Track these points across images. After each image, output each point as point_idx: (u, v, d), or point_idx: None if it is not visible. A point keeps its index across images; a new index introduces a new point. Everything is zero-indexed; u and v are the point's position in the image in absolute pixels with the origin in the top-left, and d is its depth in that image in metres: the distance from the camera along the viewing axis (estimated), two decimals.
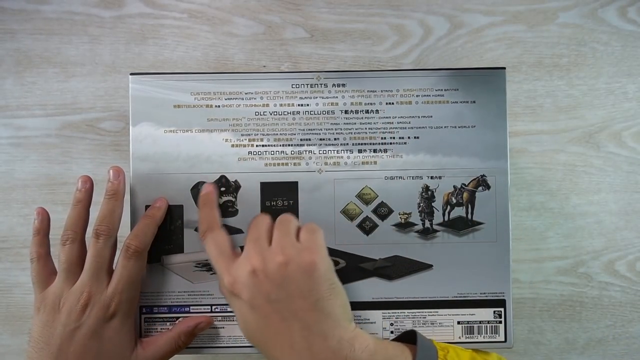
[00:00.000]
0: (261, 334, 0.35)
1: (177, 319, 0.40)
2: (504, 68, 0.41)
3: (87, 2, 0.49)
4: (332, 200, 0.41)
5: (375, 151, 0.41)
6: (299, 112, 0.41)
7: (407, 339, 0.36)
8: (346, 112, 0.41)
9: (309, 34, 0.50)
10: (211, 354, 0.41)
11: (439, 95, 0.41)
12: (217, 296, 0.40)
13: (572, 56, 0.50)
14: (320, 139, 0.41)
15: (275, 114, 0.41)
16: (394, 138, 0.41)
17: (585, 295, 0.50)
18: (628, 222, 0.50)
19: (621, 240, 0.50)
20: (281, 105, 0.41)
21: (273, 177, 0.41)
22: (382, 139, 0.41)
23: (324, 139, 0.41)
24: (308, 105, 0.41)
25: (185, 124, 0.41)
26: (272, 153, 0.41)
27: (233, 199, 0.40)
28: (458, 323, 0.41)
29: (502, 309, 0.41)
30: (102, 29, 0.49)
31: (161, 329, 0.40)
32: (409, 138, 0.41)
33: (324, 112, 0.41)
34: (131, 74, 0.41)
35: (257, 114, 0.41)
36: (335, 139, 0.41)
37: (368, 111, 0.41)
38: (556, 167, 0.50)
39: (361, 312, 0.40)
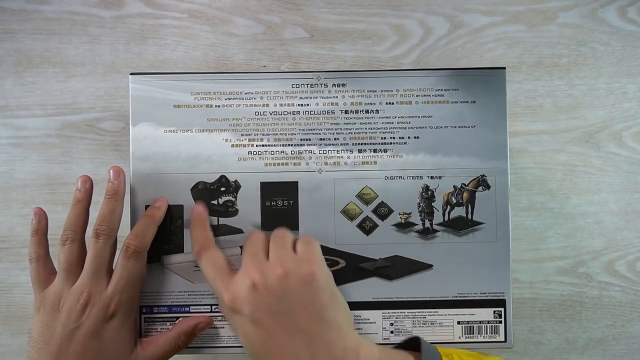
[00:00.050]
0: (265, 348, 0.35)
1: (177, 319, 0.40)
2: (504, 68, 0.41)
3: (87, 2, 0.49)
4: (332, 200, 0.41)
5: (375, 151, 0.41)
6: (299, 112, 0.41)
7: (411, 345, 0.36)
8: (346, 112, 0.41)
9: (309, 34, 0.50)
10: (211, 354, 0.41)
11: (439, 95, 0.41)
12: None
13: (572, 56, 0.50)
14: (320, 139, 0.41)
15: (275, 113, 0.41)
16: (394, 138, 0.41)
17: (585, 295, 0.50)
18: (628, 222, 0.50)
19: (621, 240, 0.50)
20: (281, 105, 0.41)
21: (273, 177, 0.41)
22: (382, 139, 0.41)
23: (324, 139, 0.41)
24: (308, 105, 0.41)
25: (185, 124, 0.41)
26: (272, 153, 0.41)
27: (233, 199, 0.40)
28: (458, 323, 0.41)
29: (502, 309, 0.41)
30: (102, 29, 0.49)
31: (161, 328, 0.40)
32: (409, 138, 0.41)
33: (324, 112, 0.41)
34: (131, 73, 0.41)
35: (257, 113, 0.41)
36: (335, 139, 0.41)
37: (368, 111, 0.41)
38: (556, 167, 0.50)
39: (361, 312, 0.40)
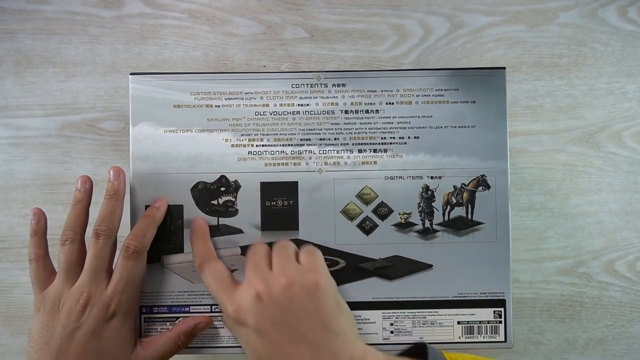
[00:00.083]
0: (270, 359, 0.35)
1: (177, 319, 0.40)
2: (504, 68, 0.41)
3: (87, 2, 0.49)
4: (332, 200, 0.41)
5: (375, 151, 0.41)
6: (299, 112, 0.41)
7: (417, 352, 0.36)
8: (346, 112, 0.41)
9: (309, 34, 0.50)
10: (211, 354, 0.41)
11: (439, 95, 0.41)
12: None
13: (572, 56, 0.50)
14: (320, 139, 0.41)
15: (275, 113, 0.41)
16: (394, 138, 0.41)
17: (585, 295, 0.50)
18: (628, 222, 0.50)
19: (621, 240, 0.50)
20: (281, 105, 0.41)
21: (273, 177, 0.41)
22: (382, 139, 0.41)
23: (324, 139, 0.41)
24: (308, 105, 0.41)
25: (185, 124, 0.41)
26: (272, 153, 0.41)
27: (233, 199, 0.40)
28: (458, 323, 0.41)
29: (502, 309, 0.41)
30: (102, 29, 0.49)
31: (161, 329, 0.40)
32: (409, 138, 0.41)
33: (324, 112, 0.41)
34: (131, 73, 0.41)
35: (257, 113, 0.41)
36: (335, 139, 0.41)
37: (368, 111, 0.41)
38: (556, 167, 0.50)
39: (361, 312, 0.40)
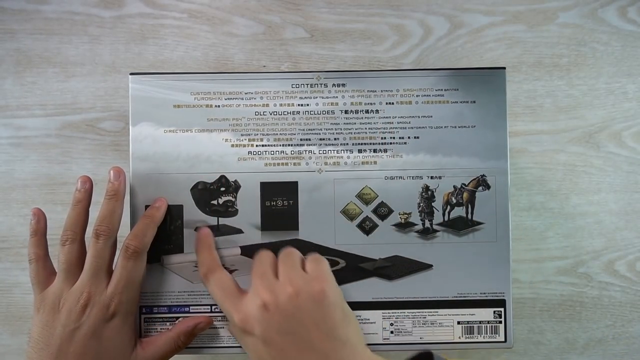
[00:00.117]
0: None
1: (177, 319, 0.40)
2: (504, 68, 0.41)
3: (87, 2, 0.49)
4: (332, 200, 0.41)
5: (375, 151, 0.41)
6: (299, 112, 0.41)
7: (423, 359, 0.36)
8: (346, 112, 0.41)
9: (309, 34, 0.50)
10: (211, 354, 0.41)
11: (439, 95, 0.41)
12: None
13: (572, 56, 0.50)
14: (320, 139, 0.41)
15: (275, 113, 0.41)
16: (394, 138, 0.41)
17: (585, 295, 0.50)
18: (628, 222, 0.50)
19: (621, 240, 0.50)
20: (281, 105, 0.41)
21: (273, 177, 0.41)
22: (382, 139, 0.41)
23: (324, 139, 0.41)
24: (308, 105, 0.41)
25: (185, 124, 0.41)
26: (272, 153, 0.41)
27: (233, 199, 0.40)
28: (458, 323, 0.41)
29: (502, 309, 0.41)
30: (102, 29, 0.49)
31: (161, 329, 0.40)
32: (409, 138, 0.41)
33: (324, 112, 0.41)
34: (131, 73, 0.41)
35: (257, 113, 0.41)
36: (335, 139, 0.41)
37: (368, 111, 0.41)
38: (556, 167, 0.50)
39: (361, 312, 0.40)
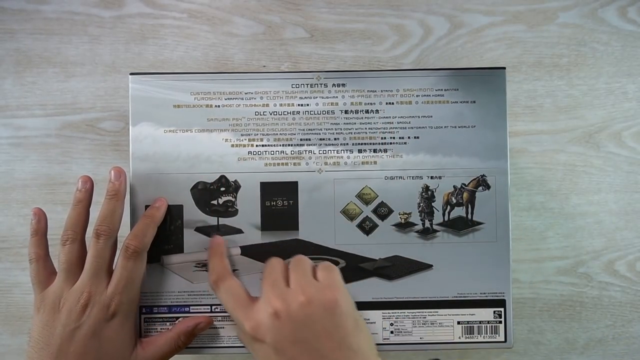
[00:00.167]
0: None
1: (177, 319, 0.40)
2: (504, 68, 0.41)
3: (87, 2, 0.49)
4: (332, 200, 0.41)
5: (375, 151, 0.41)
6: (299, 112, 0.41)
7: None
8: (346, 112, 0.41)
9: (309, 34, 0.50)
10: (211, 354, 0.41)
11: (439, 95, 0.41)
12: None
13: (572, 56, 0.50)
14: (320, 139, 0.41)
15: (275, 114, 0.41)
16: (394, 138, 0.41)
17: (585, 295, 0.50)
18: (628, 222, 0.50)
19: (621, 240, 0.50)
20: (281, 105, 0.41)
21: (273, 177, 0.41)
22: (382, 139, 0.41)
23: (324, 139, 0.41)
24: (308, 105, 0.41)
25: (185, 124, 0.41)
26: (272, 153, 0.41)
27: (233, 199, 0.40)
28: (458, 323, 0.41)
29: (502, 309, 0.41)
30: (102, 29, 0.49)
31: (161, 329, 0.40)
32: (409, 138, 0.41)
33: (324, 112, 0.41)
34: (131, 73, 0.41)
35: (257, 113, 0.41)
36: (335, 139, 0.41)
37: (368, 111, 0.41)
38: (556, 167, 0.50)
39: (361, 312, 0.40)
